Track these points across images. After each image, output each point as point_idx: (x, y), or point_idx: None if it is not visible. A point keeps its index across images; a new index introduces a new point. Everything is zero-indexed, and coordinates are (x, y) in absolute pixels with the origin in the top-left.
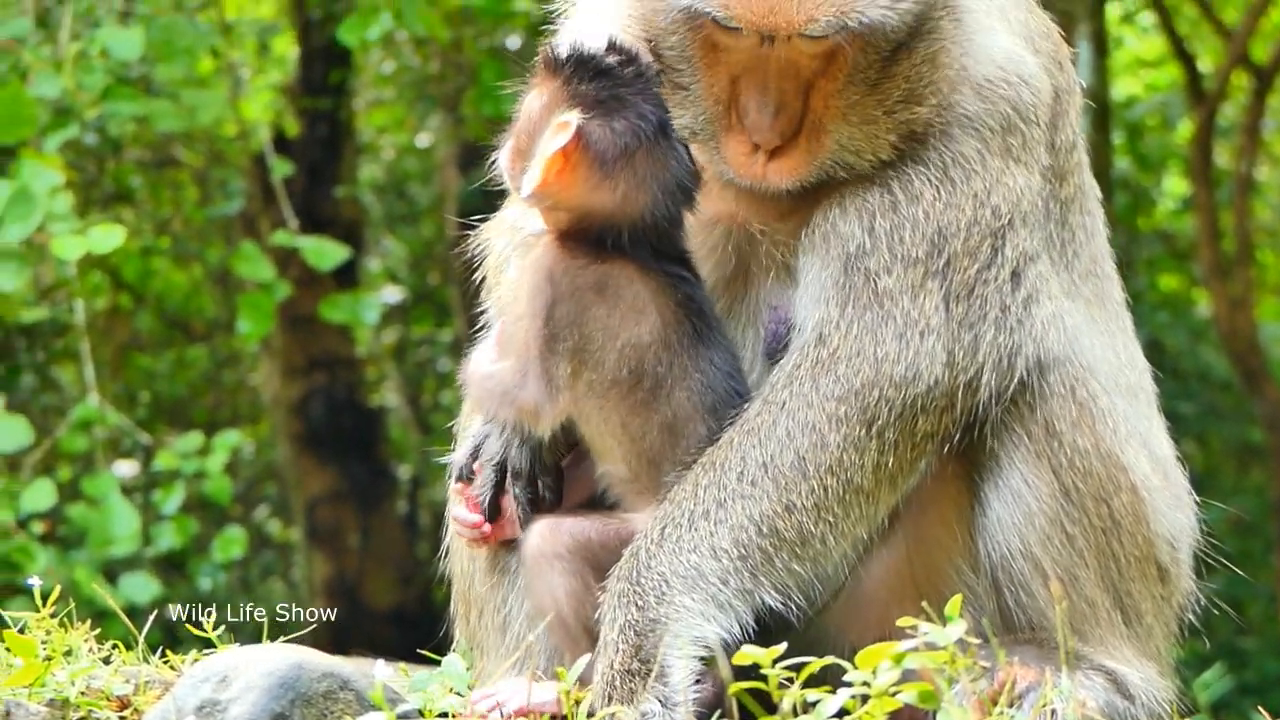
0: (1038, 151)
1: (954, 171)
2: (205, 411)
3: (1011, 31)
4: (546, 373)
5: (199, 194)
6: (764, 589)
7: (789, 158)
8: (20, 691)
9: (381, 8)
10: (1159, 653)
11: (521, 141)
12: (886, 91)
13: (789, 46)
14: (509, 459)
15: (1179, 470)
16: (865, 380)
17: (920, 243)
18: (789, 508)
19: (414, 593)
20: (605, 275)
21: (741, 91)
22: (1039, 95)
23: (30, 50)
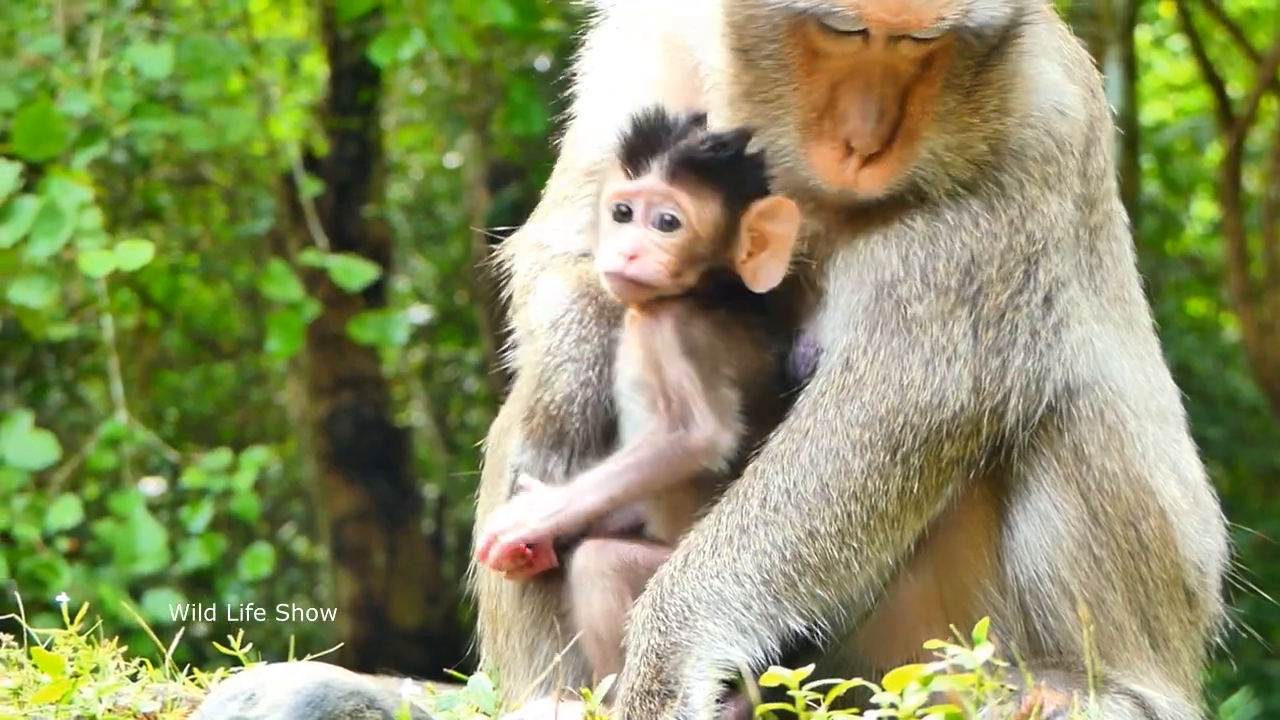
0: (1071, 179)
1: (996, 200)
2: (233, 429)
3: (1051, 58)
4: (713, 406)
5: (227, 212)
6: (788, 614)
7: (882, 165)
8: (47, 708)
9: (413, 26)
10: (1186, 677)
11: (703, 247)
12: (981, 99)
13: (891, 50)
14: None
15: (1209, 494)
16: (890, 406)
17: (954, 271)
18: (813, 534)
19: (440, 612)
20: (715, 318)
21: (841, 97)
22: (1075, 125)
23: (60, 67)
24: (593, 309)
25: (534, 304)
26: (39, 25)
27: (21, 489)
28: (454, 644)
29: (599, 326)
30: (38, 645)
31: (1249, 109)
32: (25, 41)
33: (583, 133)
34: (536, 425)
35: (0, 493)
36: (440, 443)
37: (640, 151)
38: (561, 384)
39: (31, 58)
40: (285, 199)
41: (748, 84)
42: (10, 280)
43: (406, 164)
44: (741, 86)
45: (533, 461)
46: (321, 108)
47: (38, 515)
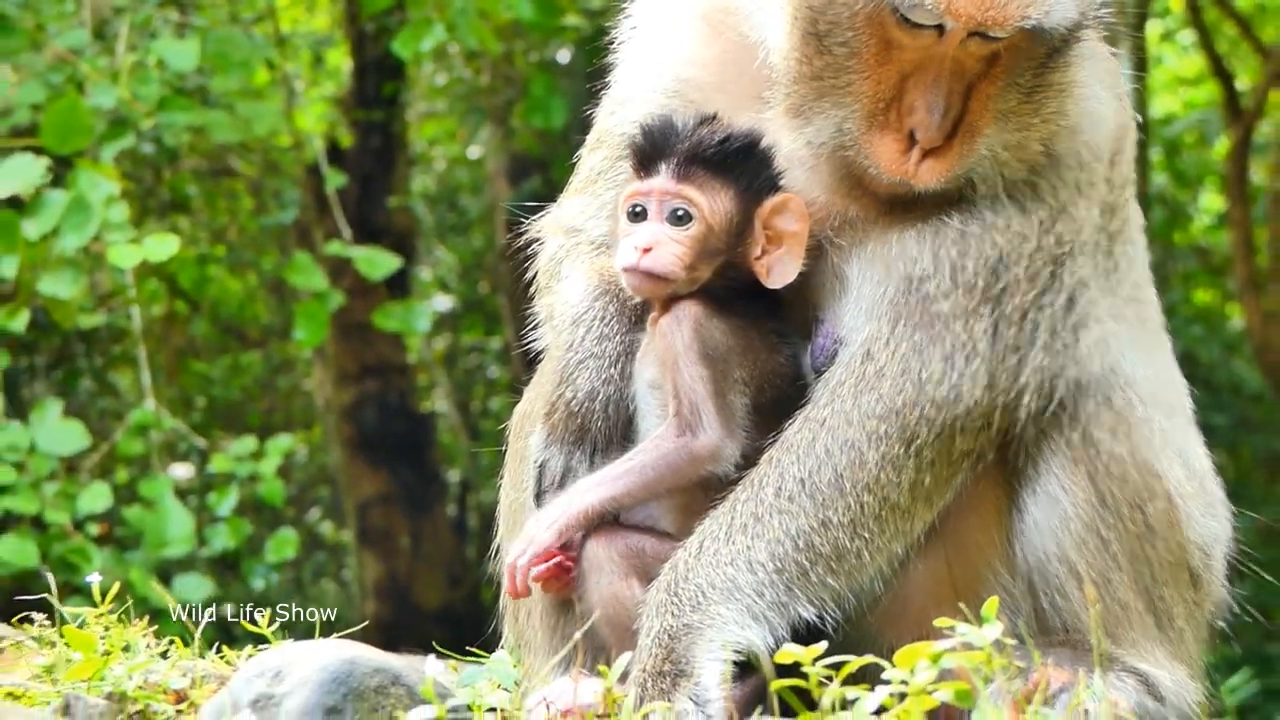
0: (1099, 186)
1: (1029, 202)
2: (259, 416)
3: (1092, 65)
4: (721, 413)
5: (254, 203)
6: (799, 602)
7: (942, 159)
8: (80, 685)
9: (435, 20)
10: (1190, 656)
11: (716, 240)
12: (1040, 101)
13: (962, 47)
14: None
15: (1215, 481)
16: (907, 400)
17: (982, 270)
18: (825, 524)
19: (462, 592)
20: (733, 321)
21: (909, 90)
22: (1107, 133)
23: (87, 61)
24: (614, 307)
25: (557, 299)
26: (67, 19)
27: (52, 475)
28: (476, 623)
29: (620, 324)
30: (70, 625)
31: (1256, 102)
32: (53, 35)
33: (617, 101)
34: (558, 421)
35: (32, 479)
36: (463, 428)
37: (650, 154)
38: (583, 381)
39: (59, 51)
40: (310, 190)
41: (818, 67)
42: (40, 272)
43: (429, 156)
44: (810, 69)
45: (555, 457)
46: (346, 100)
47: (68, 501)
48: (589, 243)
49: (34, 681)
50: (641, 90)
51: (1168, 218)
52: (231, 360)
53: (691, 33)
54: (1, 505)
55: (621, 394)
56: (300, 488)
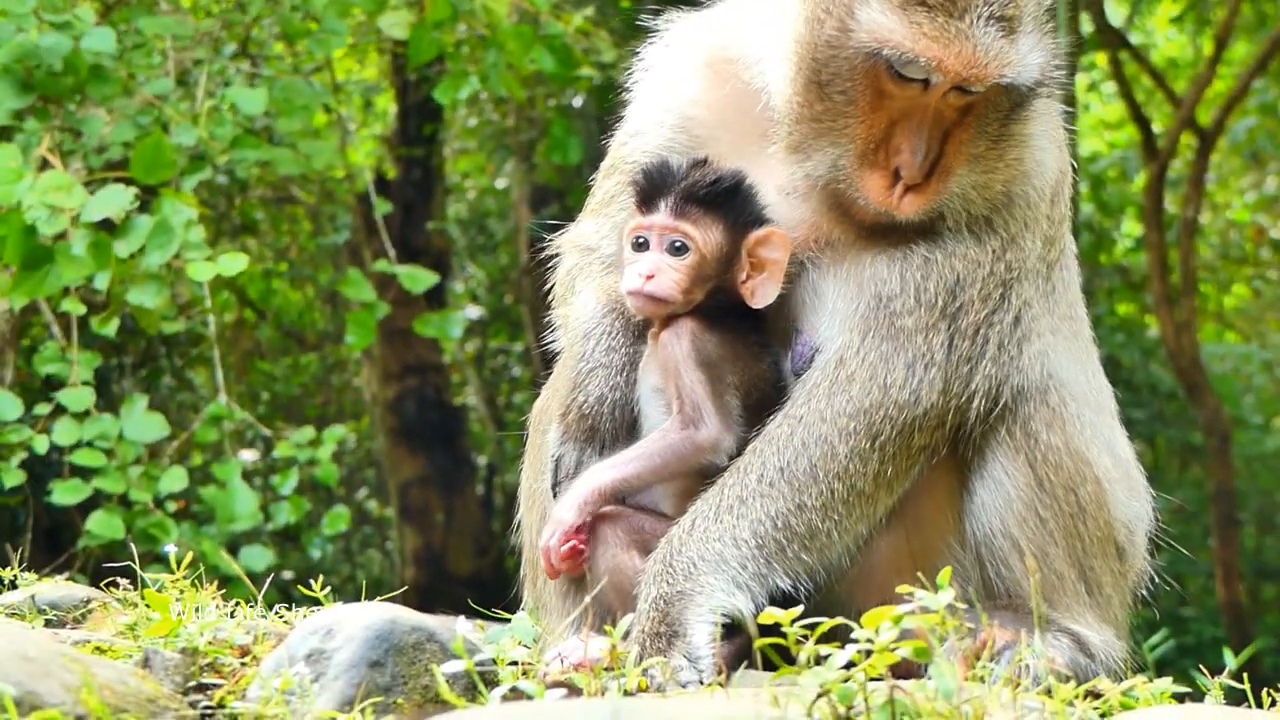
0: (1041, 222)
1: (984, 234)
2: (315, 409)
3: (1040, 119)
4: (719, 411)
5: (312, 227)
6: (777, 574)
7: (921, 194)
8: (157, 641)
9: (470, 73)
10: (1116, 619)
11: (709, 268)
12: (1004, 148)
13: (943, 99)
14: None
15: (1137, 468)
16: (874, 401)
17: (942, 291)
18: (801, 507)
19: (489, 561)
20: (722, 334)
21: (896, 134)
22: (1049, 177)
23: (171, 105)
24: (620, 323)
25: (571, 312)
26: (154, 70)
27: (137, 460)
28: (501, 588)
29: (625, 338)
30: (150, 589)
31: (1169, 144)
32: (142, 83)
33: (630, 133)
34: (572, 422)
35: (119, 463)
36: (490, 420)
37: (650, 193)
38: (593, 387)
39: (147, 97)
40: (360, 216)
41: (818, 111)
42: (128, 285)
43: (462, 186)
44: (811, 112)
45: (569, 453)
46: (391, 139)
47: (151, 482)
48: (600, 260)
49: (118, 638)
50: (651, 124)
51: (1094, 242)
52: (292, 361)
53: (697, 77)
54: (93, 486)
55: (626, 399)
56: (350, 470)
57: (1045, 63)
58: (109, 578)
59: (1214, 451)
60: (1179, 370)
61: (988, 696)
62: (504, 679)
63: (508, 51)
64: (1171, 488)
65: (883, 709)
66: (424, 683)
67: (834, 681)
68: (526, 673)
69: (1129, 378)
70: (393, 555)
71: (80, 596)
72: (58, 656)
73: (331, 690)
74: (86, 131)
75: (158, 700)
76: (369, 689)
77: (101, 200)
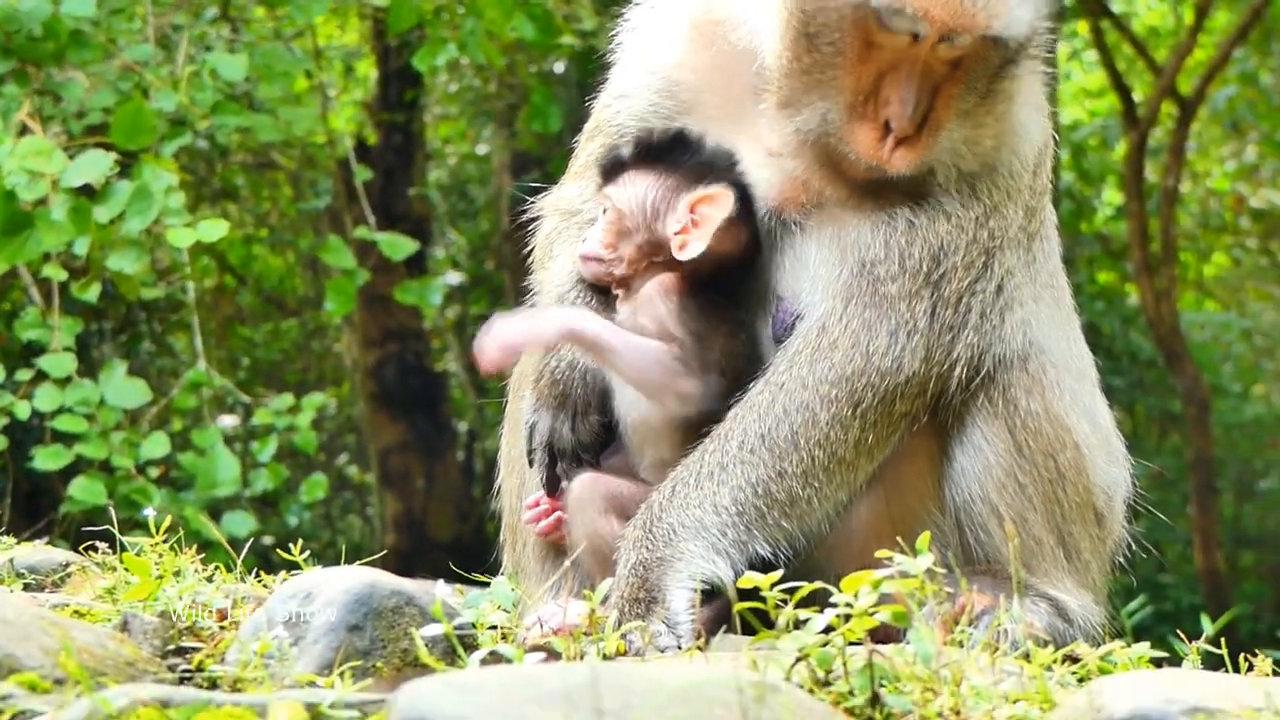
0: (1024, 192)
1: (968, 200)
2: (296, 375)
3: (1029, 84)
4: (701, 366)
5: (293, 192)
6: (757, 541)
7: (912, 148)
8: (136, 605)
9: (449, 39)
10: (1094, 584)
11: (629, 224)
12: (993, 104)
13: (932, 51)
14: (555, 440)
15: (1116, 435)
16: (856, 369)
17: (926, 258)
18: (781, 474)
19: (469, 526)
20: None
21: (885, 86)
22: (1033, 146)
23: (151, 71)
24: (593, 293)
25: (546, 278)
26: (134, 35)
27: (118, 425)
28: (481, 553)
29: (598, 303)
30: (129, 553)
31: (1150, 112)
32: (122, 48)
33: (614, 95)
34: (544, 387)
35: (100, 428)
36: (470, 386)
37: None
38: (565, 352)
39: (127, 62)
40: (341, 181)
41: (806, 64)
42: (108, 251)
43: (443, 152)
44: (800, 65)
45: (542, 419)
46: (372, 105)
47: (132, 448)
48: (581, 225)
49: (97, 601)
50: (635, 87)
51: (1075, 210)
52: (272, 327)
53: (683, 38)
54: (74, 451)
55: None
56: (331, 436)
57: (1034, 19)
58: (89, 542)
59: (1193, 419)
60: (1158, 338)
61: (966, 661)
62: (483, 643)
63: (487, 19)
64: (1150, 455)
65: (861, 673)
66: (403, 646)
67: (813, 646)
68: (505, 637)
69: (1109, 345)
70: (373, 520)
71: (59, 560)
72: (36, 620)
73: (310, 654)
74: (66, 96)
75: (136, 664)
76: (348, 653)
77: (81, 166)
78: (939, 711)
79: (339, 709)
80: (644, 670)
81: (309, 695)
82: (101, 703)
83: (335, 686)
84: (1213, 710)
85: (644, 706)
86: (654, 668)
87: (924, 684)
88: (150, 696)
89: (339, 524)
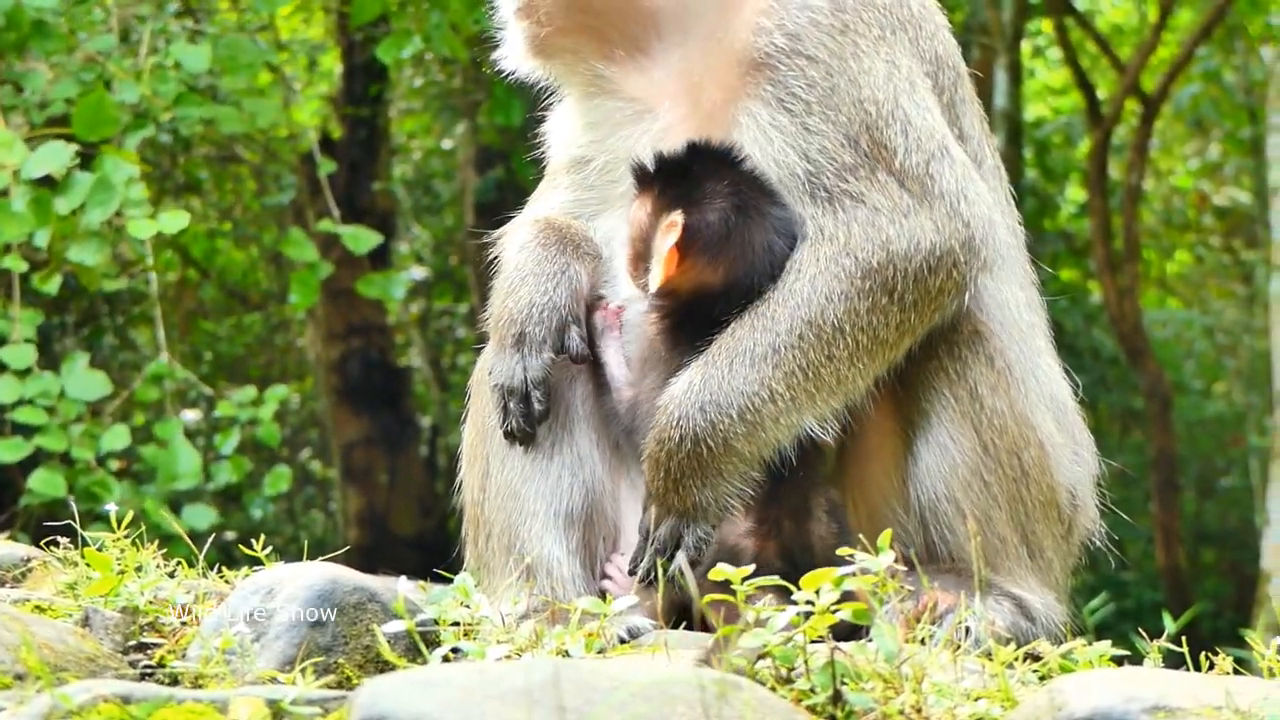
0: (906, 27)
1: (830, 65)
2: (259, 368)
3: None
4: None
5: (256, 186)
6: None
7: None
8: (98, 600)
9: (413, 32)
10: (1057, 583)
11: (638, 248)
12: None
13: None
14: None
15: (1084, 429)
16: (880, 261)
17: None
18: (831, 358)
19: (432, 522)
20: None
21: None
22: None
23: (114, 62)
24: (553, 238)
25: (506, 241)
26: (96, 26)
27: (79, 418)
28: (444, 549)
29: (559, 252)
30: (90, 547)
31: (1114, 110)
32: (84, 40)
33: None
34: (503, 329)
35: (61, 421)
36: (434, 381)
37: None
38: (524, 294)
39: (90, 53)
40: (305, 175)
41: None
42: (69, 242)
43: (408, 147)
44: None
45: (502, 362)
46: (336, 98)
47: (93, 440)
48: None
49: (58, 596)
50: (570, 129)
51: (1038, 207)
52: (235, 320)
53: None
54: (34, 443)
55: (555, 304)
56: (293, 430)
57: None
58: (49, 536)
59: (1155, 417)
60: (1121, 336)
61: (928, 659)
62: (445, 640)
63: (451, 11)
64: (1113, 452)
65: (823, 670)
66: (365, 643)
67: (775, 644)
68: (468, 633)
69: (1072, 343)
70: (335, 516)
71: (20, 555)
72: None
73: (272, 650)
74: (28, 87)
75: (98, 659)
76: (310, 649)
77: (43, 157)
78: (900, 709)
79: (301, 705)
80: (606, 667)
81: (270, 692)
82: (62, 698)
83: (297, 683)
84: (1174, 708)
85: (606, 703)
86: (616, 664)
87: (886, 682)
88: (111, 692)
89: (302, 519)
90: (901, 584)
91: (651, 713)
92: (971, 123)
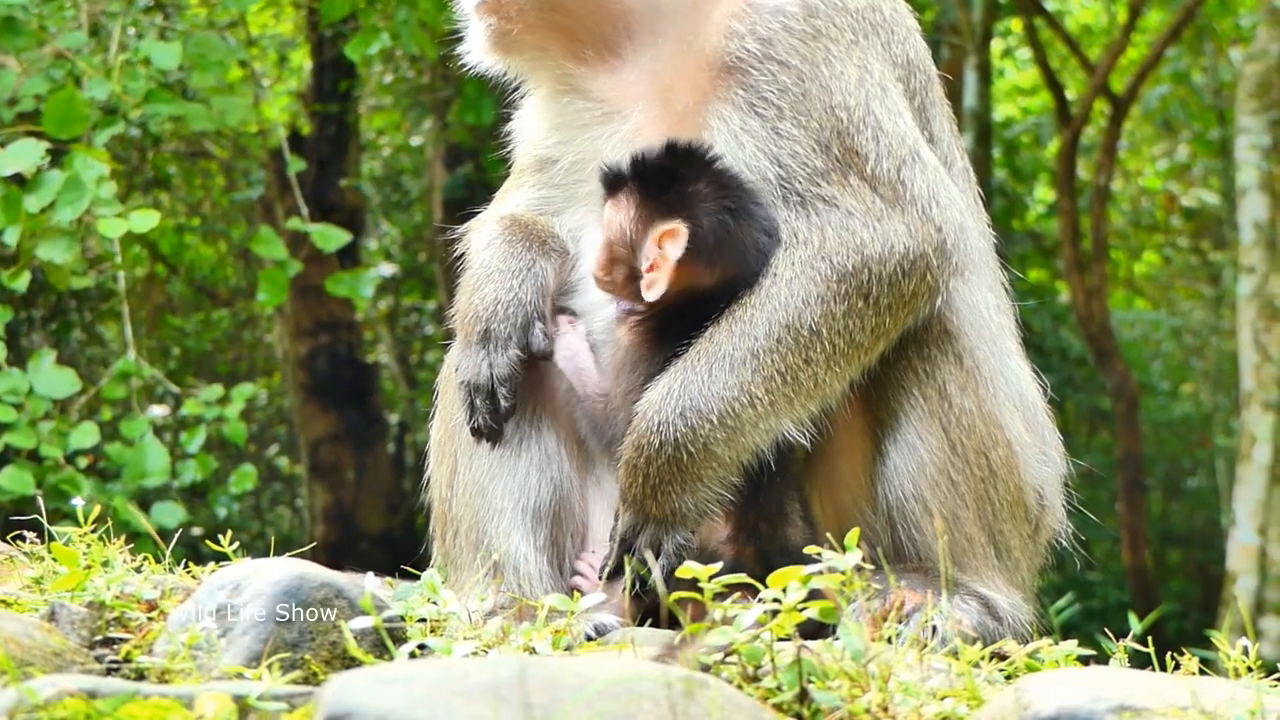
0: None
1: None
2: (226, 365)
3: None
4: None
5: (225, 182)
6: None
7: None
8: (64, 595)
9: (381, 29)
10: (1024, 582)
11: (617, 253)
12: None
13: None
14: (473, 378)
15: (1053, 430)
16: (855, 265)
17: (817, 152)
18: (809, 361)
19: (400, 519)
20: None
21: None
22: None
23: (83, 59)
24: (519, 235)
25: (472, 238)
26: (66, 22)
27: (47, 415)
28: (411, 546)
29: (525, 249)
30: (57, 543)
31: (1083, 110)
32: (54, 35)
33: (521, 138)
34: (469, 326)
35: (29, 418)
36: (402, 378)
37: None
38: (489, 290)
39: (59, 49)
40: (274, 172)
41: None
42: (39, 240)
43: (377, 143)
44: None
45: (468, 358)
46: (306, 95)
47: (60, 437)
48: (541, 174)
49: (24, 591)
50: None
51: (1007, 207)
52: (203, 317)
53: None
54: (2, 441)
55: (520, 301)
56: (261, 427)
57: None
58: (16, 531)
59: (1122, 417)
60: (1089, 336)
61: (894, 657)
62: (412, 636)
63: (420, 9)
64: (1080, 452)
65: (790, 669)
66: (332, 639)
67: (742, 642)
68: (435, 630)
69: (1039, 343)
70: (303, 512)
71: None
72: None
73: (239, 646)
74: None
75: (64, 654)
76: (276, 645)
77: (12, 154)
78: (867, 708)
79: (267, 701)
80: (572, 664)
81: (237, 687)
82: (28, 693)
83: (263, 678)
84: (1139, 708)
85: (572, 700)
86: (583, 662)
87: (852, 680)
88: (77, 687)
89: (268, 515)
90: (868, 583)
91: (618, 710)
92: (941, 125)
